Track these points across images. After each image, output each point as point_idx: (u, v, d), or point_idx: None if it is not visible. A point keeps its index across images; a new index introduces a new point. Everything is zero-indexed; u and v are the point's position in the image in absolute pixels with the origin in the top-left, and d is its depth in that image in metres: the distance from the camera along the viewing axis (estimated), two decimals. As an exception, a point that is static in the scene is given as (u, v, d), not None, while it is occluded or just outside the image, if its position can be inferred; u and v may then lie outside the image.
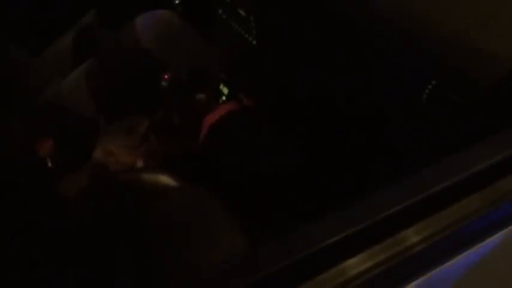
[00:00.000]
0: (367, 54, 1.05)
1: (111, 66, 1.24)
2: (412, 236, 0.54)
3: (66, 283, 1.01)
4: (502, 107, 0.83)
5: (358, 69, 1.09)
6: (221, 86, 1.50)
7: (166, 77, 1.28)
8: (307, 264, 0.51)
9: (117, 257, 1.00)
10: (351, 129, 1.14)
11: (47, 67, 1.35)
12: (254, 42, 1.37)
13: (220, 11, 1.45)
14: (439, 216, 0.56)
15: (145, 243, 0.98)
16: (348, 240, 0.52)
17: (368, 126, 1.08)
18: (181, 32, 1.26)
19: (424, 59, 0.94)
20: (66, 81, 1.28)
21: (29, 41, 1.35)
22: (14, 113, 1.25)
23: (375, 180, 0.64)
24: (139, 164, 1.29)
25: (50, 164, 1.22)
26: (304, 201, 1.19)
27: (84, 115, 1.26)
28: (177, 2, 1.54)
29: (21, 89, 1.30)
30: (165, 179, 1.14)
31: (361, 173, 1.08)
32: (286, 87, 1.34)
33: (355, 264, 0.52)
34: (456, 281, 0.57)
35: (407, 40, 0.96)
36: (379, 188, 0.57)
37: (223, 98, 1.50)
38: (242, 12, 1.37)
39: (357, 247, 0.53)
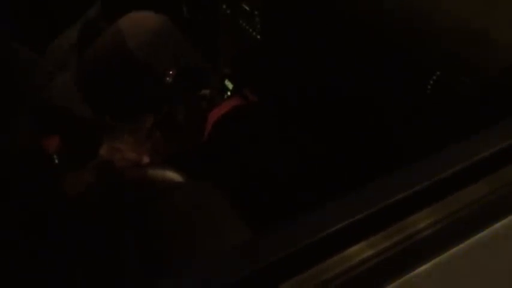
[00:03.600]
0: (371, 46, 1.05)
1: (100, 75, 1.24)
2: (416, 223, 0.54)
3: (73, 280, 1.01)
4: (508, 94, 0.82)
5: (362, 62, 1.08)
6: (226, 81, 1.49)
7: (171, 72, 1.28)
8: (309, 252, 0.51)
9: (124, 253, 1.00)
10: (355, 121, 1.13)
11: (52, 63, 1.36)
12: (258, 37, 1.36)
13: (224, 6, 1.45)
14: (443, 204, 0.56)
15: (152, 238, 0.98)
16: (350, 228, 0.51)
17: (373, 118, 1.07)
18: (167, 35, 1.27)
19: (428, 49, 0.93)
20: (58, 87, 1.28)
21: (34, 36, 1.36)
22: (21, 111, 1.25)
23: (379, 169, 0.64)
24: (145, 160, 1.29)
25: (56, 161, 1.22)
26: (309, 195, 1.19)
27: (88, 114, 1.26)
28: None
29: (28, 86, 1.30)
30: (171, 175, 1.15)
31: (366, 163, 1.08)
32: (290, 82, 1.33)
33: (357, 252, 0.51)
34: (461, 268, 0.56)
35: (411, 31, 0.96)
36: (383, 176, 0.57)
37: (228, 93, 1.49)
38: (246, 7, 1.37)
39: (359, 235, 0.52)
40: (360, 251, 0.51)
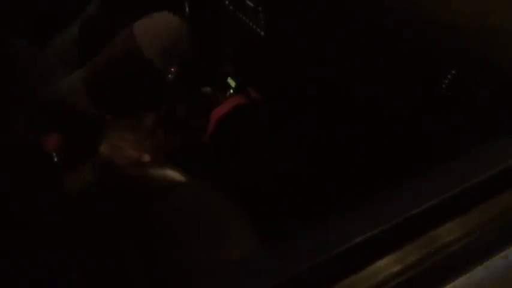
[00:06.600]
0: (381, 44, 1.02)
1: (111, 74, 1.26)
2: (446, 235, 0.51)
3: (72, 279, 1.00)
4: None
5: (372, 60, 1.06)
6: (228, 79, 1.48)
7: (172, 70, 1.27)
8: (334, 266, 0.48)
9: (124, 252, 0.99)
10: (363, 122, 1.11)
11: (53, 58, 1.35)
12: (262, 33, 1.34)
13: (227, 2, 1.42)
14: (473, 213, 0.53)
15: (152, 238, 0.96)
16: (377, 240, 0.48)
17: (385, 118, 1.05)
18: (181, 41, 1.27)
19: (442, 47, 0.90)
20: (64, 85, 1.28)
21: (34, 33, 1.35)
22: (20, 108, 1.24)
23: (395, 175, 0.61)
24: (146, 158, 1.27)
25: (55, 159, 1.21)
26: (311, 195, 1.17)
27: (88, 112, 1.26)
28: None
29: (28, 83, 1.29)
30: (172, 174, 1.14)
31: (375, 165, 1.05)
32: (294, 80, 1.32)
33: (386, 266, 0.48)
34: (494, 282, 0.53)
35: (425, 28, 0.93)
36: (407, 184, 0.54)
37: (231, 91, 1.48)
38: (250, 3, 1.34)
39: (387, 247, 0.49)
40: (387, 266, 0.48)
